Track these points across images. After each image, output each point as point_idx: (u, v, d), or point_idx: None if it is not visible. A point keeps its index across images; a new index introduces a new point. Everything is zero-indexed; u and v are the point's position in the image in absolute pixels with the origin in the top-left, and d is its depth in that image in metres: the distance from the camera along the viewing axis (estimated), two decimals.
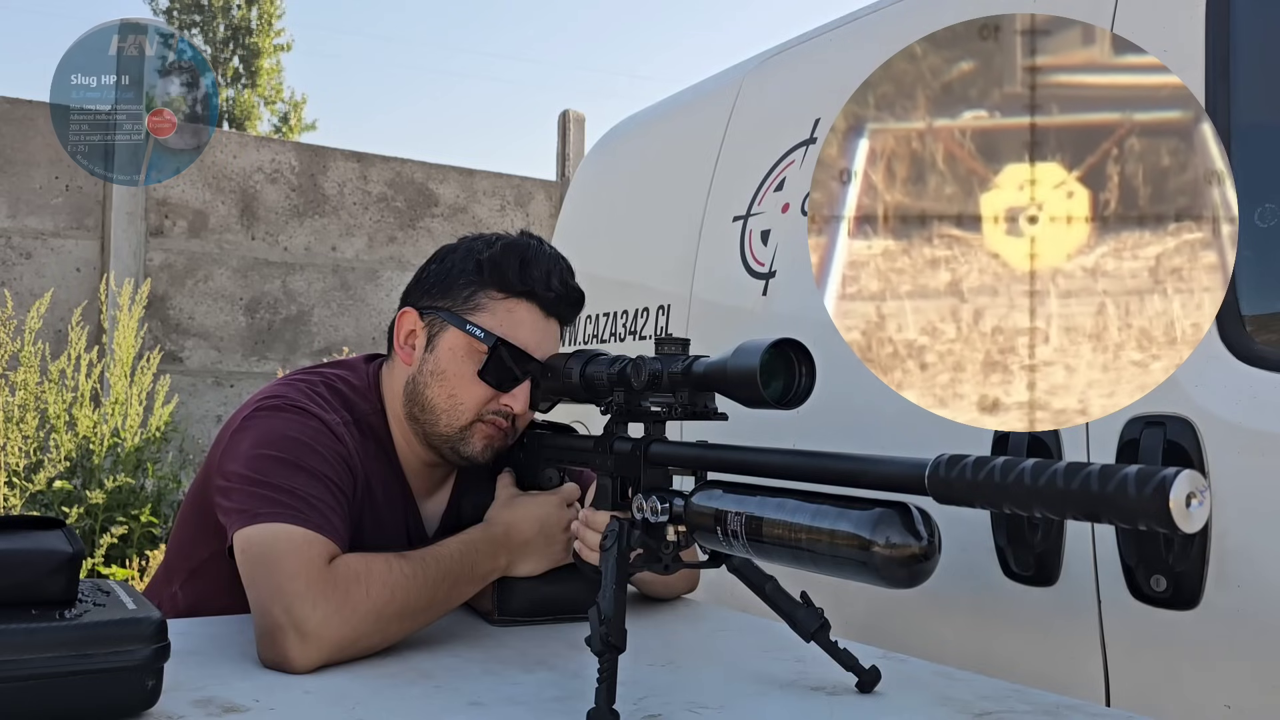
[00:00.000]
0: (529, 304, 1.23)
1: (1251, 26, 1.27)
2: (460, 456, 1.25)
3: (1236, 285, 1.21)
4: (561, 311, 1.27)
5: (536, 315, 1.24)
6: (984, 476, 0.56)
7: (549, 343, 1.25)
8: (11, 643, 0.73)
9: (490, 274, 1.24)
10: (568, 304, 1.27)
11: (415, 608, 1.06)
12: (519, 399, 1.22)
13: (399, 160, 7.07)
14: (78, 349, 4.12)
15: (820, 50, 2.05)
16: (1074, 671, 1.30)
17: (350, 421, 1.24)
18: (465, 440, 1.23)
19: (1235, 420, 1.17)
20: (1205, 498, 0.49)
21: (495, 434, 1.24)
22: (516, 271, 1.23)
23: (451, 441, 1.24)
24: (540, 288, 1.23)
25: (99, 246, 6.03)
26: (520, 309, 1.23)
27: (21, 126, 5.90)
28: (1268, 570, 1.12)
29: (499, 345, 1.20)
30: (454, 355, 1.23)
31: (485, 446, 1.24)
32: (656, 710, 0.84)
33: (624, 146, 2.75)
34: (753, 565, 0.94)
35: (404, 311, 1.29)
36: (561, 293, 1.25)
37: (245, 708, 0.81)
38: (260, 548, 1.05)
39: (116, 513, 3.77)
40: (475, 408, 1.22)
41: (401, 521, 1.29)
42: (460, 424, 1.23)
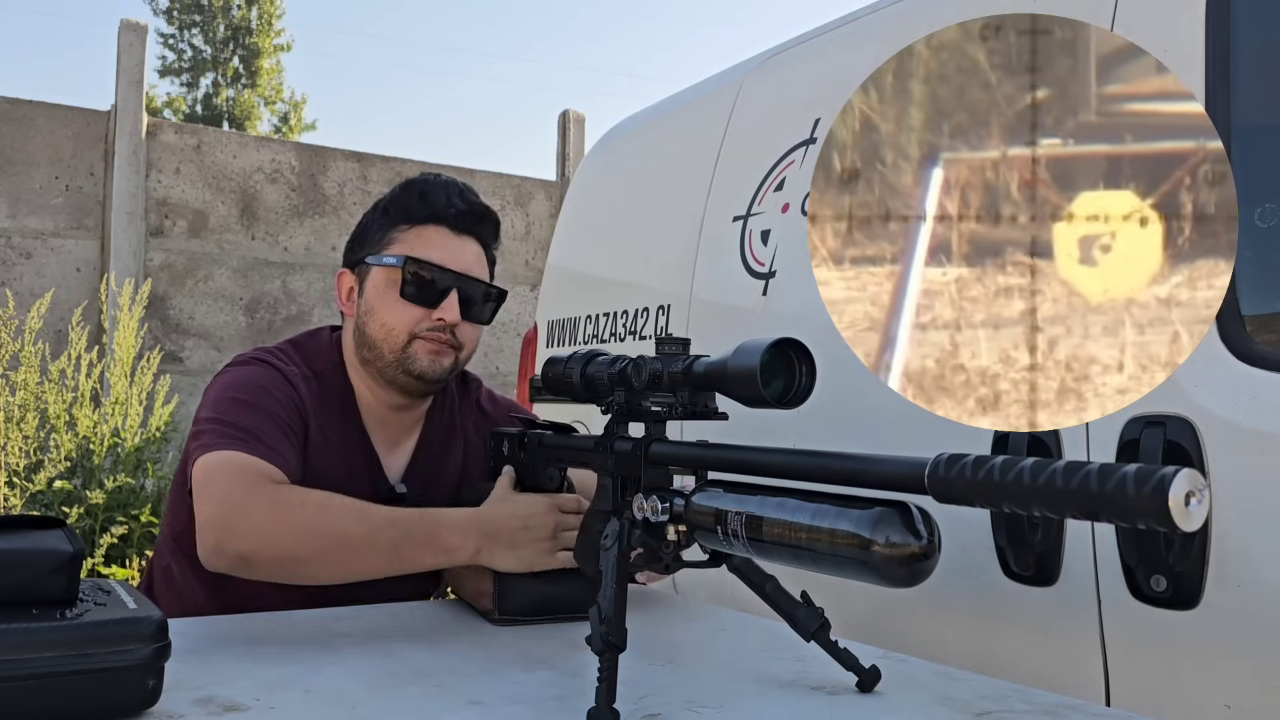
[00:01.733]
0: (436, 226, 1.35)
1: (1251, 26, 1.27)
2: (413, 376, 1.33)
3: (1236, 285, 1.21)
4: (472, 228, 1.37)
5: (446, 234, 1.35)
6: (983, 475, 0.56)
7: (465, 256, 1.35)
8: (12, 642, 0.73)
9: (395, 212, 1.37)
10: (474, 219, 1.37)
11: (353, 539, 1.10)
12: (448, 310, 1.31)
13: (399, 160, 7.07)
14: (78, 349, 4.12)
15: (820, 50, 2.05)
16: (1074, 671, 1.31)
17: (310, 375, 1.35)
18: (410, 358, 1.32)
19: (1235, 420, 1.17)
20: (1204, 496, 0.49)
21: (437, 347, 1.32)
22: (416, 201, 1.36)
23: (399, 365, 1.33)
24: (441, 208, 1.35)
25: (99, 246, 6.03)
26: (428, 231, 1.35)
27: (22, 126, 5.89)
28: (1268, 570, 1.13)
29: (408, 263, 1.32)
30: (379, 289, 1.34)
31: (432, 359, 1.32)
32: (656, 709, 0.84)
33: (624, 146, 2.75)
34: (753, 565, 0.94)
35: (340, 273, 1.42)
36: (463, 209, 1.36)
37: (246, 707, 0.81)
38: (210, 468, 1.15)
39: (116, 513, 3.77)
40: (407, 328, 1.32)
41: (362, 469, 1.36)
42: (398, 346, 1.32)
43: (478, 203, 1.39)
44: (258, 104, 21.24)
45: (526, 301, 7.54)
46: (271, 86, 21.39)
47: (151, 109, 19.35)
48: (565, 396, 1.15)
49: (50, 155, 5.99)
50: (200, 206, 6.17)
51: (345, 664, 0.96)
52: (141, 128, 6.18)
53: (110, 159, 6.10)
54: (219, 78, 21.19)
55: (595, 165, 2.85)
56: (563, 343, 2.62)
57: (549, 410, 1.89)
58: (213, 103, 21.07)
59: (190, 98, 21.23)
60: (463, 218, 1.36)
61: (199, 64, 21.19)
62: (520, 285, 7.66)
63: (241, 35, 21.03)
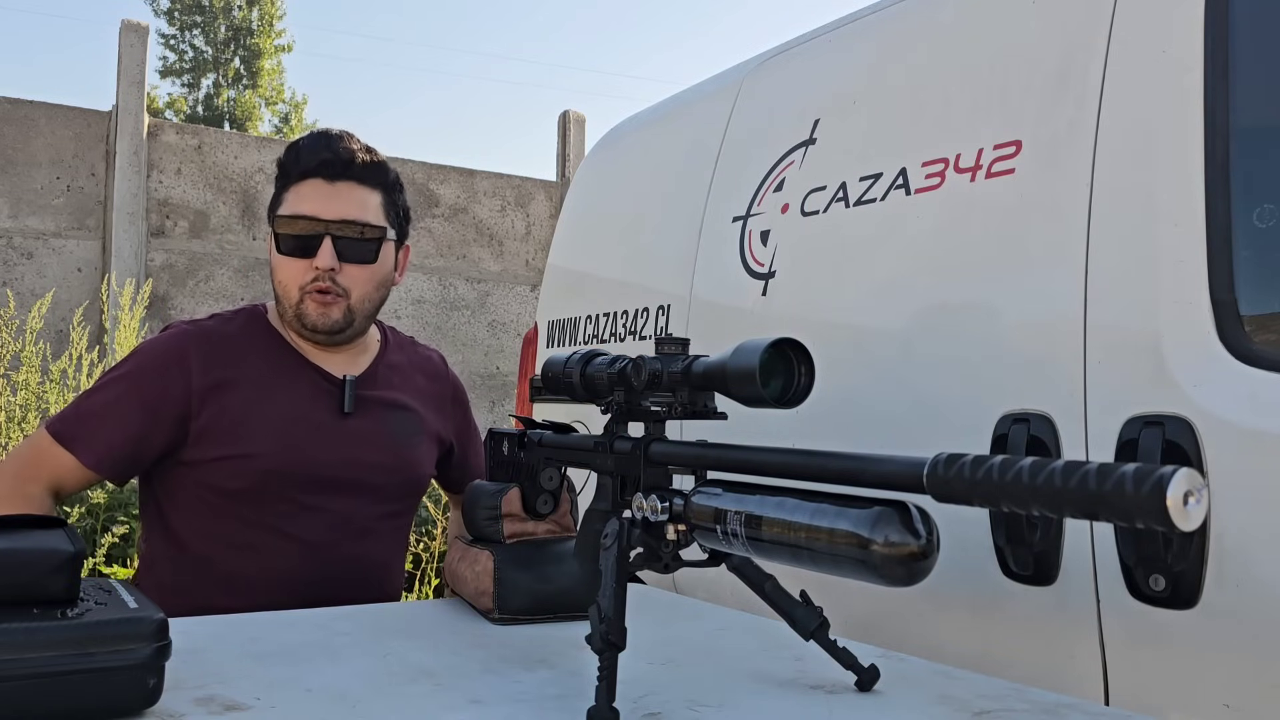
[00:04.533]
0: (311, 180, 1.43)
1: (1251, 26, 1.27)
2: (308, 329, 1.44)
3: (1235, 285, 1.21)
4: (346, 173, 1.43)
5: (319, 185, 1.42)
6: (982, 475, 0.56)
7: (338, 203, 1.42)
8: (12, 641, 0.73)
9: (279, 177, 1.47)
10: (343, 165, 1.43)
11: None
12: (322, 257, 1.40)
13: (399, 160, 7.07)
14: (79, 349, 4.12)
15: (820, 51, 2.06)
16: (1073, 670, 1.31)
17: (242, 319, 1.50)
18: (302, 314, 1.43)
19: (1234, 420, 1.17)
20: (1203, 496, 0.49)
21: (324, 299, 1.42)
22: (292, 162, 1.45)
23: (297, 318, 1.44)
24: (310, 161, 1.43)
25: (100, 247, 6.03)
26: (304, 187, 1.43)
27: (23, 127, 5.89)
28: (1266, 570, 1.13)
29: (278, 220, 1.43)
30: (272, 250, 1.46)
31: (320, 312, 1.43)
32: (656, 708, 0.84)
33: (624, 147, 2.76)
34: (752, 564, 0.94)
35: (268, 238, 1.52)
36: (330, 158, 1.43)
37: (246, 706, 0.82)
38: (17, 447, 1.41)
39: (117, 512, 3.77)
40: (295, 283, 1.43)
41: (298, 374, 1.47)
42: (292, 301, 1.44)
43: (347, 148, 1.44)
44: (259, 104, 21.25)
45: (526, 301, 7.54)
46: (272, 87, 21.39)
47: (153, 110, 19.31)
48: (565, 396, 1.15)
49: (51, 156, 5.99)
50: (201, 207, 6.18)
51: (345, 664, 0.96)
52: (143, 128, 6.18)
53: (111, 159, 6.10)
54: (220, 78, 21.19)
55: (595, 165, 2.85)
56: (563, 343, 2.63)
57: (549, 410, 1.89)
58: (214, 103, 21.07)
59: (191, 98, 21.24)
60: (330, 165, 1.42)
61: (200, 65, 21.19)
62: (520, 285, 7.66)
63: (242, 36, 21.03)
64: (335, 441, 1.44)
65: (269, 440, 1.40)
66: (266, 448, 1.39)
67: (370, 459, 1.46)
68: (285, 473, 1.40)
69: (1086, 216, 1.36)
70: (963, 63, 1.63)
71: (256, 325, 1.49)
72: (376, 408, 1.50)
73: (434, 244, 7.28)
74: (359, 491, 1.45)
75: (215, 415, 1.39)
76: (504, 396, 7.44)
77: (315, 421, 1.44)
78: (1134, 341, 1.27)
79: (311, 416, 1.44)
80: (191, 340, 1.42)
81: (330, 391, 1.47)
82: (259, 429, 1.40)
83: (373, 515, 1.47)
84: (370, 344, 1.56)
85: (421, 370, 1.61)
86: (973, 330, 1.49)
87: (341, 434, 1.45)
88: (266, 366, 1.45)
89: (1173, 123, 1.30)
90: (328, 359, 1.50)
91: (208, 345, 1.43)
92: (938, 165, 1.59)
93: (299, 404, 1.44)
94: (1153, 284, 1.27)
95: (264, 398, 1.42)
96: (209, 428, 1.39)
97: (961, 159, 1.55)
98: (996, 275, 1.47)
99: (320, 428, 1.44)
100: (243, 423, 1.40)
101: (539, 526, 1.24)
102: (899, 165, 1.66)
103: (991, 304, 1.47)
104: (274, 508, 1.40)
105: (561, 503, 1.20)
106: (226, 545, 1.39)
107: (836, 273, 1.76)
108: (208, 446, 1.39)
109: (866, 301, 1.68)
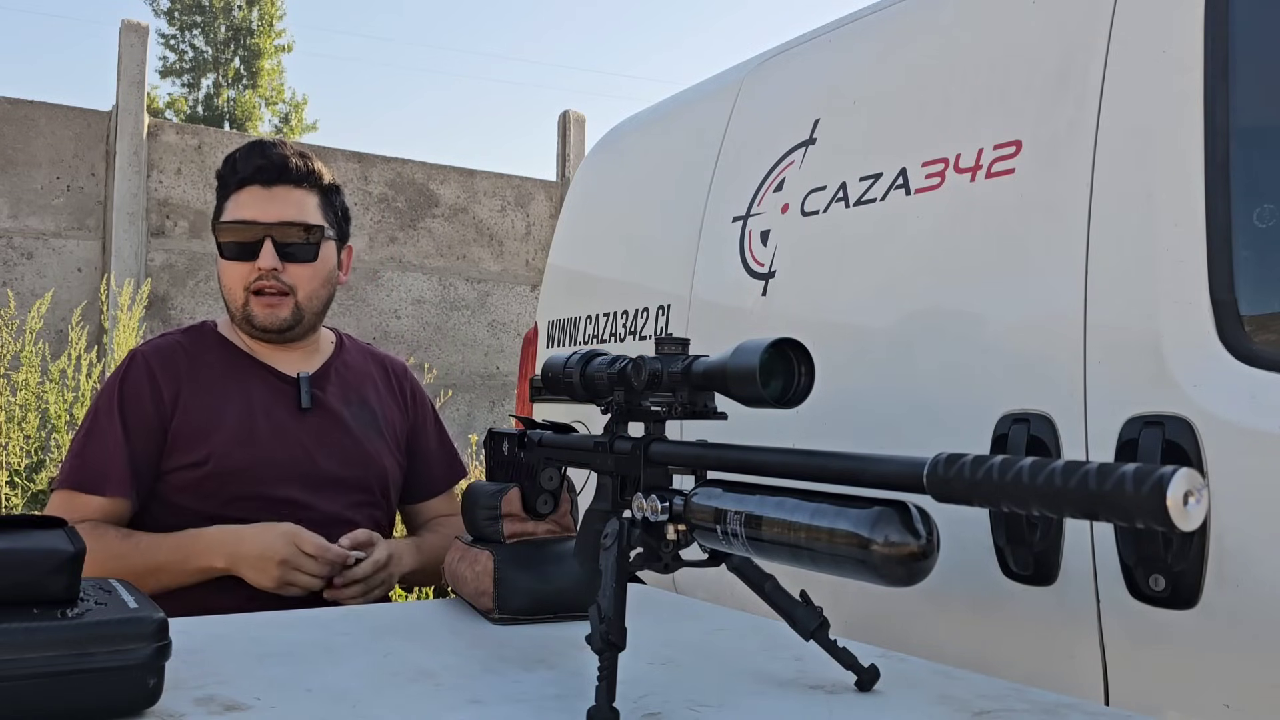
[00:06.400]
0: (249, 188, 1.49)
1: (1251, 27, 1.27)
2: (256, 328, 1.49)
3: (1235, 285, 1.21)
4: (283, 177, 1.49)
5: (256, 191, 1.48)
6: (982, 475, 0.56)
7: (276, 207, 1.48)
8: (12, 641, 0.73)
9: (219, 189, 1.53)
10: (277, 171, 1.49)
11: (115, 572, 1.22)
12: (264, 257, 1.46)
13: (399, 161, 7.07)
14: (78, 349, 4.12)
15: (820, 50, 2.06)
16: (1073, 670, 1.31)
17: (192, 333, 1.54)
18: (250, 315, 1.49)
19: (1234, 420, 1.17)
20: (1203, 496, 0.49)
21: (269, 299, 1.47)
22: (230, 172, 1.50)
23: (244, 319, 1.49)
24: (246, 170, 1.48)
25: (100, 247, 6.03)
26: (243, 194, 1.49)
27: (23, 127, 5.89)
28: (1266, 570, 1.13)
29: (219, 228, 1.48)
30: (217, 257, 1.51)
31: (267, 312, 1.48)
32: (656, 708, 0.84)
33: (624, 146, 2.76)
34: (752, 564, 0.94)
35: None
36: (264, 164, 1.48)
37: (246, 706, 0.82)
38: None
39: None
40: (240, 285, 1.48)
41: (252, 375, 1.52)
42: (238, 304, 1.49)
43: (280, 154, 1.50)
44: (259, 105, 21.24)
45: (526, 301, 7.54)
46: (272, 87, 21.39)
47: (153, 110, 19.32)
48: (565, 396, 1.15)
49: (51, 156, 5.99)
50: (201, 207, 6.17)
51: (345, 664, 0.96)
52: (143, 128, 6.18)
53: (111, 159, 6.10)
54: (220, 78, 21.19)
55: (595, 166, 2.85)
56: (563, 343, 2.63)
57: (549, 410, 1.89)
58: (214, 103, 21.07)
59: (191, 98, 21.23)
60: (266, 171, 1.48)
61: (200, 65, 21.19)
62: (520, 285, 7.66)
63: (242, 36, 21.03)
64: (294, 438, 1.49)
65: (228, 441, 1.44)
66: (226, 448, 1.44)
67: (330, 453, 1.51)
68: (246, 471, 1.44)
69: (1086, 216, 1.35)
70: (963, 63, 1.63)
71: (207, 336, 1.55)
72: (333, 403, 1.54)
73: (434, 244, 7.28)
74: (323, 485, 1.49)
75: (181, 423, 1.45)
76: (504, 396, 7.44)
77: (273, 420, 1.49)
78: (1134, 341, 1.27)
79: (269, 415, 1.49)
80: (151, 358, 1.48)
81: (286, 390, 1.52)
82: (218, 431, 1.45)
83: (342, 505, 1.50)
84: (323, 345, 1.61)
85: (379, 368, 1.66)
86: (973, 330, 1.49)
87: (299, 430, 1.50)
88: (220, 371, 1.50)
89: (1173, 123, 1.30)
90: (281, 359, 1.54)
91: (165, 359, 1.48)
92: (938, 165, 1.59)
93: (255, 404, 1.48)
94: (1153, 284, 1.27)
95: (221, 401, 1.47)
96: (177, 434, 1.45)
97: (961, 159, 1.55)
98: (996, 275, 1.47)
99: (278, 425, 1.49)
100: (203, 426, 1.45)
101: (539, 526, 1.24)
102: (899, 165, 1.66)
103: (991, 304, 1.47)
104: (242, 506, 1.43)
105: (561, 503, 1.20)
106: None
107: (836, 273, 1.76)
108: (176, 453, 1.44)
109: (866, 301, 1.68)
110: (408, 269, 7.16)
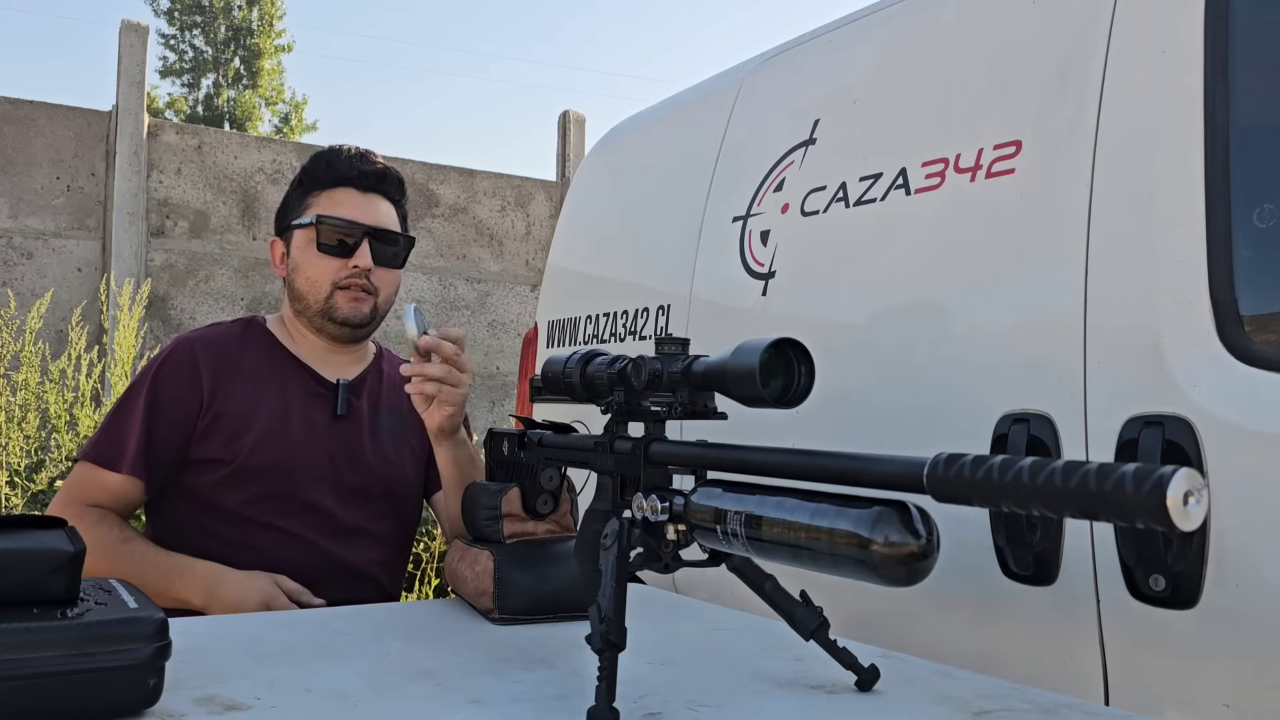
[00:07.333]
0: (344, 188, 1.54)
1: (1251, 26, 1.27)
2: (337, 322, 1.52)
3: (1235, 285, 1.21)
4: (376, 186, 1.56)
5: (353, 193, 1.54)
6: (982, 475, 0.56)
7: (373, 211, 1.54)
8: (12, 641, 0.73)
9: (307, 181, 1.56)
10: (377, 178, 1.56)
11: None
12: (361, 257, 1.51)
13: (399, 160, 7.07)
14: (78, 349, 4.12)
15: (820, 50, 2.06)
16: (1073, 670, 1.31)
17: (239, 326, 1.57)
18: (333, 307, 1.52)
19: (1234, 420, 1.17)
20: (1203, 496, 0.49)
21: (355, 294, 1.52)
22: (324, 169, 1.55)
23: (324, 313, 1.52)
24: (345, 171, 1.54)
25: (100, 247, 6.03)
26: (338, 193, 1.53)
27: (23, 127, 5.90)
28: (1266, 570, 1.13)
29: (319, 220, 1.51)
30: (300, 248, 1.54)
31: (352, 306, 1.52)
32: (656, 708, 0.84)
33: (624, 147, 2.76)
34: (752, 564, 0.94)
35: (272, 241, 1.61)
36: (365, 169, 1.55)
37: (247, 706, 0.82)
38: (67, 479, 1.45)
39: None
40: (328, 279, 1.51)
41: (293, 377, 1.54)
42: (322, 296, 1.52)
43: (378, 164, 1.57)
44: (259, 105, 21.24)
45: (526, 301, 7.54)
46: (272, 87, 21.39)
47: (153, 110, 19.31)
48: (565, 396, 1.15)
49: (51, 156, 5.99)
50: (201, 207, 6.17)
51: (345, 664, 0.96)
52: (143, 128, 6.18)
53: (111, 159, 6.10)
54: (220, 78, 21.19)
55: (595, 166, 2.85)
56: (563, 343, 2.63)
57: (549, 410, 1.89)
58: (214, 103, 21.07)
59: (191, 98, 21.23)
60: (366, 177, 1.55)
61: (200, 65, 21.19)
62: (520, 285, 7.66)
63: (242, 36, 21.03)
64: (325, 443, 1.50)
65: (261, 438, 1.45)
66: (259, 446, 1.45)
67: (358, 461, 1.52)
68: (277, 471, 1.45)
69: (1086, 216, 1.36)
70: (963, 63, 1.63)
71: (253, 331, 1.57)
72: (367, 412, 1.56)
73: (434, 244, 7.28)
74: (348, 493, 1.50)
75: (217, 414, 1.46)
76: (504, 396, 7.44)
77: (307, 422, 1.50)
78: (1134, 341, 1.27)
79: (304, 417, 1.50)
80: (195, 346, 1.50)
81: (323, 395, 1.53)
82: (253, 428, 1.46)
83: (364, 515, 1.52)
84: (366, 353, 1.64)
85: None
86: (973, 330, 1.49)
87: (331, 435, 1.51)
88: (262, 369, 1.52)
89: (1173, 122, 1.30)
90: (326, 363, 1.56)
91: (209, 349, 1.50)
92: (938, 165, 1.59)
93: (292, 405, 1.50)
94: (1153, 284, 1.27)
95: (259, 398, 1.48)
96: (210, 426, 1.45)
97: (961, 159, 1.55)
98: (996, 275, 1.47)
99: (312, 428, 1.50)
100: (238, 422, 1.46)
101: (539, 526, 1.24)
102: (899, 165, 1.66)
103: (991, 304, 1.47)
104: (267, 505, 1.44)
105: (561, 503, 1.20)
106: (223, 542, 1.43)
107: (836, 273, 1.76)
108: (207, 445, 1.45)
109: (866, 301, 1.68)
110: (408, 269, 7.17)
